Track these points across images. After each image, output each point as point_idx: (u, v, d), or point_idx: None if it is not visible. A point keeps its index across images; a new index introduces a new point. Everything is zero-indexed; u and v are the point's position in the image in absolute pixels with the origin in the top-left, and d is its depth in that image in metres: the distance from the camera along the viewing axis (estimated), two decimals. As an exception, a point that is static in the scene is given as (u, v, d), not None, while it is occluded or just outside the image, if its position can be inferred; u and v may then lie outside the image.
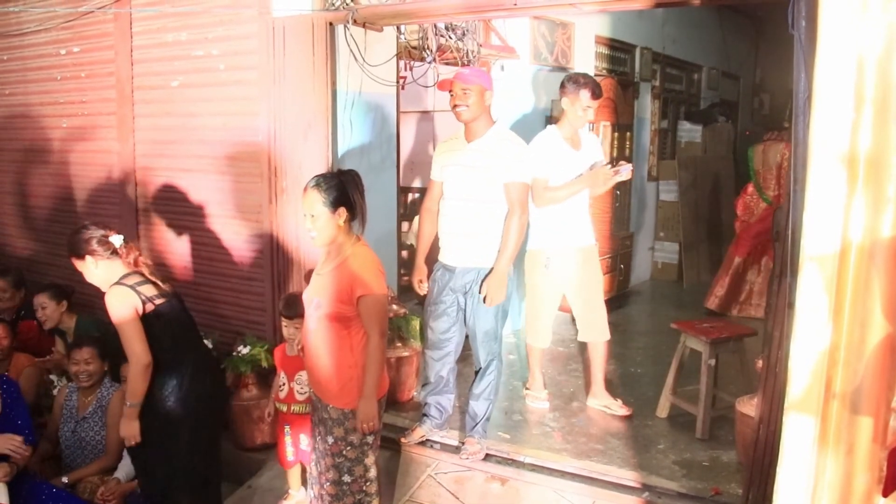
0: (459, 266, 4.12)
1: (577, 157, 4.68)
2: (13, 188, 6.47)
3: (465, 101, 4.00)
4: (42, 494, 3.67)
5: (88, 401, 4.19)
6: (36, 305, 4.84)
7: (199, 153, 4.94)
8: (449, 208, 4.16)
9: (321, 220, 3.07)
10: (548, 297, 4.81)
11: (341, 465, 3.16)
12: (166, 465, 3.41)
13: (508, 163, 4.00)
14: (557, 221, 4.65)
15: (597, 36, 7.31)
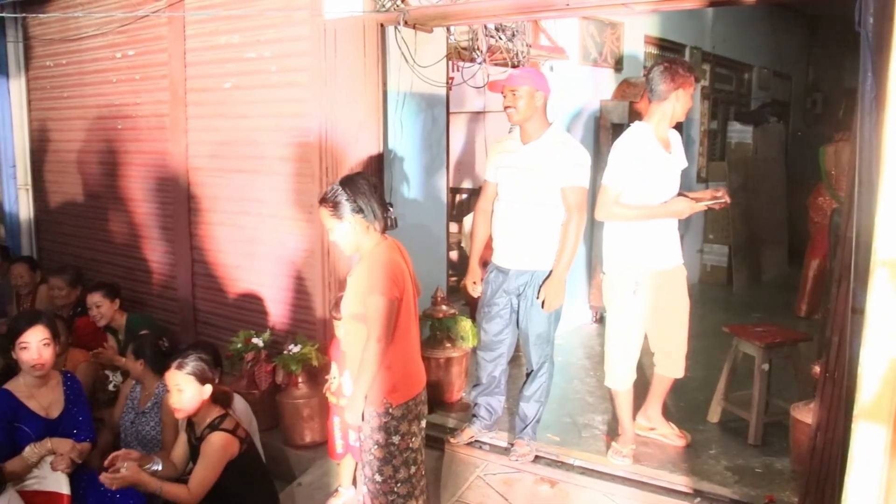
0: (513, 268, 4.10)
1: (668, 162, 4.07)
2: (70, 189, 6.62)
3: (514, 103, 3.97)
4: (101, 486, 3.73)
5: (147, 395, 4.25)
6: (90, 304, 4.95)
7: (250, 154, 4.99)
8: (503, 210, 4.13)
9: (336, 232, 3.10)
10: (635, 329, 4.15)
11: (372, 464, 3.17)
12: None
13: (565, 166, 3.95)
14: (649, 238, 4.05)
15: (646, 36, 7.24)
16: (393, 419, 3.12)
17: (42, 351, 3.59)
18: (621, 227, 4.05)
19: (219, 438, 3.44)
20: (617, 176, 3.94)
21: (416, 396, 3.24)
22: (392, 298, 3.00)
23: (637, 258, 4.04)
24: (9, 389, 3.62)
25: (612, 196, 3.97)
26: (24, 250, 6.95)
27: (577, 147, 4.05)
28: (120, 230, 6.13)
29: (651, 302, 4.09)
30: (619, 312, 4.14)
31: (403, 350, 3.18)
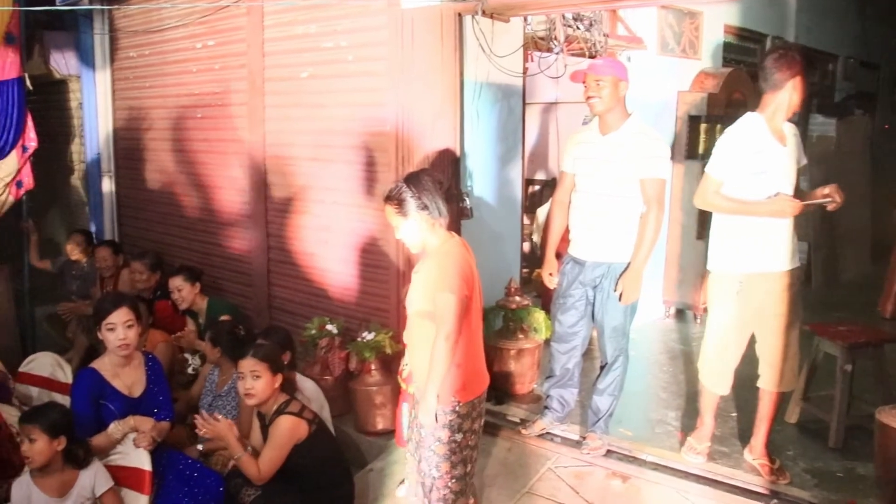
0: (590, 260, 4.06)
1: (783, 155, 3.77)
2: (150, 175, 6.80)
3: (598, 93, 3.91)
4: (179, 464, 3.84)
5: (224, 379, 4.35)
6: (172, 288, 5.08)
7: (327, 142, 5.04)
8: (581, 201, 4.09)
9: (402, 230, 3.09)
10: (736, 333, 3.91)
11: (430, 459, 3.16)
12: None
13: (644, 158, 3.89)
14: (756, 237, 3.78)
15: (726, 25, 7.07)
16: (458, 417, 3.11)
17: (127, 332, 3.69)
18: (727, 223, 3.85)
19: (285, 421, 3.53)
20: (720, 165, 3.76)
21: (482, 395, 3.24)
22: (462, 296, 2.99)
23: (740, 257, 3.81)
24: (95, 368, 3.74)
25: (712, 185, 3.79)
26: (107, 235, 7.16)
27: (656, 139, 3.97)
28: (198, 216, 6.27)
29: (755, 306, 3.83)
30: (718, 311, 3.95)
31: (472, 348, 3.17)
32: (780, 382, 3.94)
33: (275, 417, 3.56)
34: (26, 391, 4.65)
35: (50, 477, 3.31)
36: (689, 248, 6.42)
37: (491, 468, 4.18)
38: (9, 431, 4.15)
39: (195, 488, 3.73)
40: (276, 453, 3.50)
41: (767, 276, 3.79)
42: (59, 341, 6.29)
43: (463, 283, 3.00)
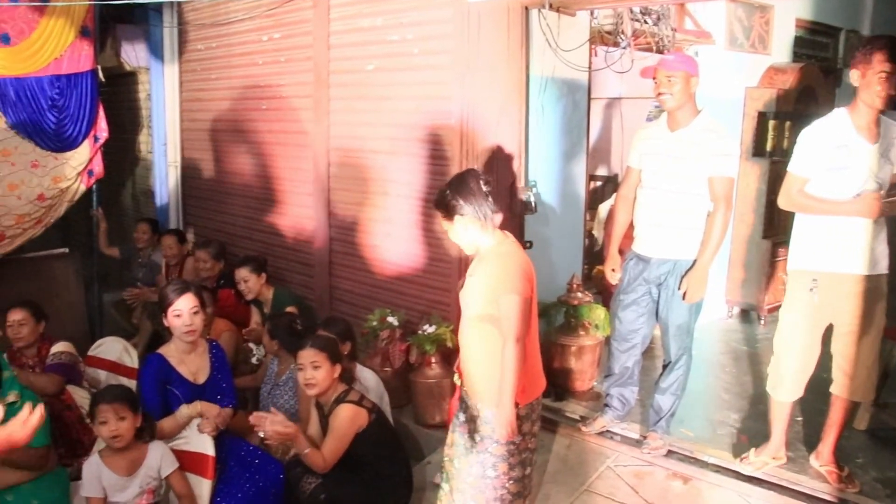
0: (655, 257, 4.01)
1: (868, 152, 3.54)
2: (215, 166, 6.91)
3: (669, 89, 3.85)
4: (241, 450, 3.91)
5: (283, 369, 4.41)
6: (238, 279, 5.15)
7: (391, 135, 5.06)
8: (647, 197, 4.04)
9: (451, 233, 3.09)
10: (803, 334, 3.74)
11: (486, 461, 3.13)
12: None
13: (714, 156, 3.83)
14: (834, 236, 3.62)
15: (797, 19, 6.89)
16: (517, 418, 3.06)
17: (193, 318, 3.76)
18: (806, 220, 3.72)
19: (346, 410, 3.57)
20: (799, 162, 3.64)
21: (539, 397, 3.21)
22: (526, 297, 2.96)
23: (814, 255, 3.67)
24: (162, 354, 3.81)
25: (795, 184, 3.66)
26: (172, 224, 7.31)
27: (726, 136, 3.90)
28: (261, 207, 6.35)
29: (829, 309, 3.67)
30: (788, 310, 3.81)
31: (531, 349, 3.13)
32: (853, 391, 3.75)
33: (334, 407, 3.59)
34: (94, 374, 4.77)
35: (119, 456, 3.40)
36: (754, 247, 6.29)
37: (550, 464, 4.16)
38: (79, 413, 4.28)
39: (256, 475, 3.78)
40: (338, 442, 3.54)
41: (842, 277, 3.63)
42: (126, 327, 6.44)
43: (526, 284, 2.98)
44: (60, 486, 3.77)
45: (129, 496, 3.41)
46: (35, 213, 6.05)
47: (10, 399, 3.58)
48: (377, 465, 3.62)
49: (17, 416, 2.36)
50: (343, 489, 3.55)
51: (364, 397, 3.69)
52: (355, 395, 3.66)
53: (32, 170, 5.99)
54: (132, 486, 3.41)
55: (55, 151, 6.07)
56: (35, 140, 5.96)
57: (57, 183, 6.12)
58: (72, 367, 4.38)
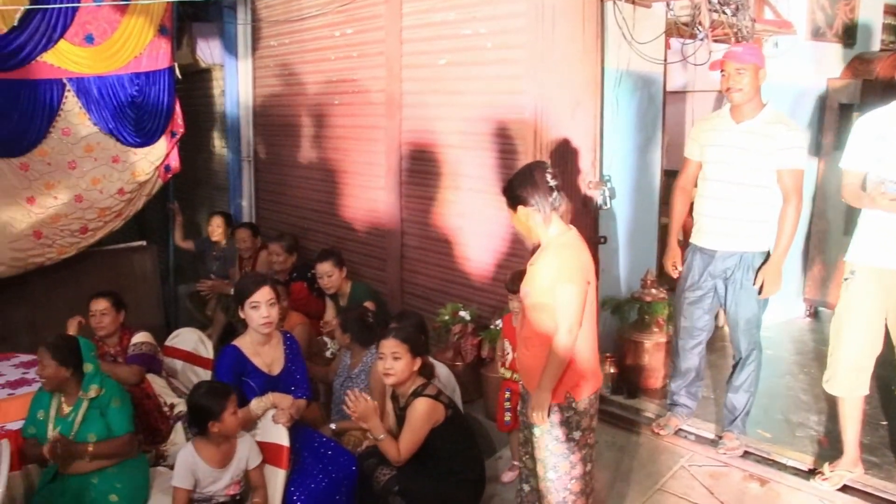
0: (721, 250, 3.94)
1: None
2: (287, 161, 7.01)
3: (739, 83, 3.78)
4: (314, 442, 3.94)
5: (356, 362, 4.44)
6: (321, 273, 5.20)
7: (463, 129, 5.05)
8: (711, 190, 3.97)
9: (515, 222, 3.12)
10: (857, 327, 3.65)
11: (546, 460, 3.11)
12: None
13: (783, 149, 3.75)
14: (875, 228, 3.57)
15: (886, 5, 6.61)
16: (576, 414, 3.06)
17: (270, 310, 3.80)
18: (863, 214, 3.64)
19: (423, 404, 3.57)
20: (848, 155, 3.62)
21: (597, 391, 3.18)
22: (582, 288, 2.95)
23: (864, 249, 3.61)
24: (237, 345, 3.87)
25: (847, 178, 3.63)
26: (245, 218, 7.45)
27: (794, 128, 3.84)
28: (333, 201, 6.42)
29: (883, 303, 3.59)
30: (841, 302, 3.74)
31: (589, 343, 3.12)
32: None
33: (411, 400, 3.61)
34: (171, 364, 4.89)
35: (214, 448, 3.45)
36: (834, 243, 6.09)
37: (622, 463, 4.11)
38: (158, 402, 4.39)
39: (329, 466, 3.81)
40: (414, 436, 3.55)
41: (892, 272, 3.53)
42: (200, 318, 6.59)
43: (583, 275, 2.97)
44: (142, 471, 3.89)
45: (220, 487, 3.48)
46: (116, 206, 6.23)
47: (91, 394, 3.71)
48: (452, 460, 3.62)
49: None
50: (416, 482, 3.56)
51: (441, 392, 3.70)
52: (433, 389, 3.66)
53: (113, 164, 6.17)
54: (224, 478, 3.48)
55: (134, 147, 6.25)
56: (116, 136, 6.14)
57: (136, 177, 6.30)
58: (152, 358, 4.49)
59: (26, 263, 5.93)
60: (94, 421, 3.72)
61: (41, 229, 5.91)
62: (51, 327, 5.10)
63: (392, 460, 3.56)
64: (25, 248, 5.87)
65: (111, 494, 3.65)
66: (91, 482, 3.68)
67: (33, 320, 6.20)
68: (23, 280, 6.03)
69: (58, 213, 5.97)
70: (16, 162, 5.80)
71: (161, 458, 4.29)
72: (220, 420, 3.38)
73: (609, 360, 4.64)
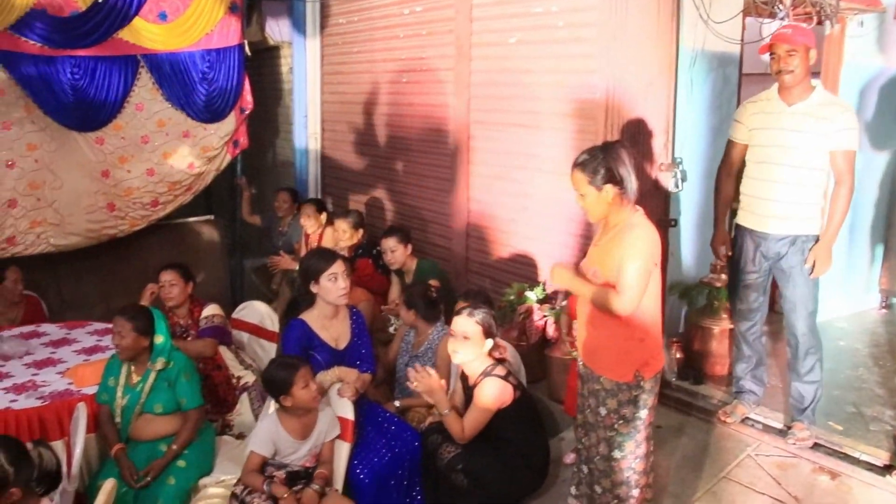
0: (772, 233, 3.90)
1: None
2: (353, 138, 7.04)
3: (790, 65, 3.72)
4: (378, 416, 3.97)
5: (420, 340, 4.46)
6: (385, 248, 5.23)
7: (532, 109, 5.01)
8: (761, 172, 3.92)
9: (589, 199, 3.00)
10: None
11: (612, 440, 3.08)
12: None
13: (836, 131, 3.71)
14: None
15: None
16: (644, 392, 3.05)
17: (346, 282, 3.84)
18: None
19: (492, 385, 3.56)
20: None
21: (661, 371, 3.16)
22: (649, 268, 2.92)
23: None
24: (304, 319, 3.91)
25: None
26: (311, 194, 7.52)
27: (848, 108, 3.81)
28: (398, 179, 6.43)
29: None
30: None
31: (654, 322, 3.09)
32: None
33: (480, 380, 3.60)
34: (238, 336, 4.96)
35: (296, 420, 3.50)
36: (913, 233, 5.91)
37: (686, 449, 4.06)
38: (227, 374, 4.47)
39: (392, 441, 3.84)
40: (480, 415, 3.55)
41: None
42: (265, 292, 6.67)
43: (651, 255, 2.94)
44: (208, 440, 3.97)
45: (298, 458, 3.53)
46: (185, 180, 6.34)
47: (158, 366, 3.80)
48: (517, 442, 3.61)
49: None
50: (481, 462, 3.56)
51: (511, 373, 3.68)
52: (502, 370, 3.63)
53: (184, 139, 6.27)
54: (302, 449, 3.53)
55: (204, 122, 6.34)
56: (186, 111, 6.24)
57: (205, 152, 6.39)
58: (223, 330, 4.57)
59: (100, 235, 6.07)
60: (162, 392, 3.80)
61: (114, 202, 6.04)
62: (121, 297, 5.24)
63: (456, 438, 3.57)
64: (100, 219, 6.02)
65: (179, 461, 3.74)
66: (159, 449, 3.77)
67: (105, 290, 6.36)
68: (96, 251, 6.17)
69: (130, 186, 6.10)
70: (92, 136, 5.93)
71: (227, 428, 4.37)
72: (289, 394, 3.42)
73: (675, 345, 4.58)
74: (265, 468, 3.49)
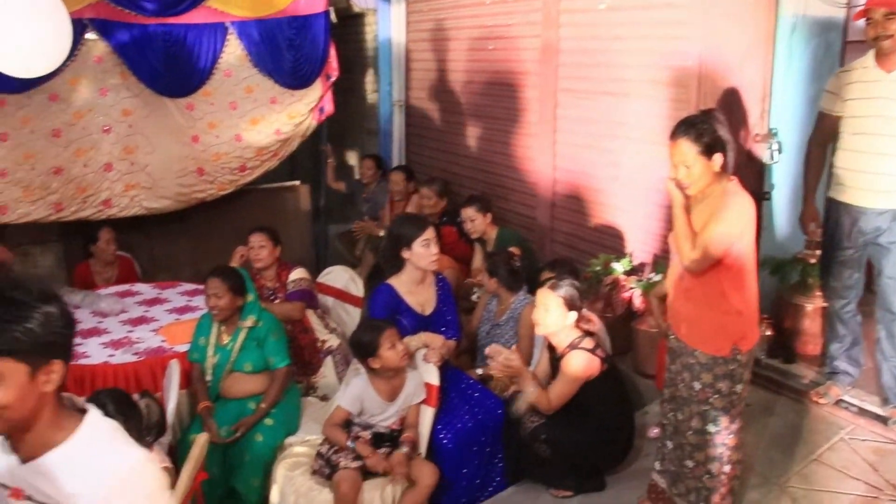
0: (872, 207, 3.73)
1: None
2: (438, 106, 7.02)
3: (888, 30, 3.51)
4: (462, 383, 4.00)
5: (502, 309, 4.45)
6: (465, 217, 5.23)
7: (622, 76, 4.89)
8: (859, 144, 3.72)
9: (696, 170, 2.85)
10: None
11: (707, 414, 3.01)
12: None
13: None
14: None
15: None
16: (740, 366, 2.98)
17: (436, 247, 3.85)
18: None
19: (579, 357, 3.52)
20: None
21: (756, 345, 3.08)
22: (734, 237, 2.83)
23: None
24: (391, 284, 3.95)
25: None
26: (394, 161, 7.54)
27: None
28: (483, 147, 6.39)
29: None
30: None
31: (752, 295, 3.00)
32: None
33: (567, 352, 3.57)
34: (323, 300, 5.05)
35: (385, 381, 3.57)
36: None
37: (776, 429, 3.95)
38: (313, 336, 4.55)
39: (476, 408, 3.86)
40: (567, 387, 3.52)
41: None
42: (348, 258, 6.76)
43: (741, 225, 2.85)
44: (295, 400, 4.08)
45: (384, 419, 3.60)
46: (272, 146, 6.43)
47: (248, 324, 3.89)
48: (602, 415, 3.58)
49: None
50: (565, 433, 3.54)
51: (599, 346, 3.64)
52: (590, 342, 3.60)
53: (271, 105, 6.35)
54: (389, 410, 3.60)
55: (291, 89, 6.39)
56: (274, 78, 6.30)
57: (292, 119, 6.46)
58: (310, 293, 4.65)
59: (189, 199, 6.23)
60: (251, 351, 3.91)
61: (203, 166, 6.18)
62: (208, 260, 5.38)
63: (541, 409, 3.55)
64: (189, 184, 6.17)
65: (267, 419, 3.86)
66: (248, 407, 3.88)
67: (193, 253, 6.54)
68: (184, 215, 6.34)
69: (219, 151, 6.21)
70: (182, 102, 6.06)
71: (311, 390, 4.47)
72: (377, 356, 3.47)
73: (766, 322, 4.45)
74: (351, 428, 3.56)
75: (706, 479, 3.11)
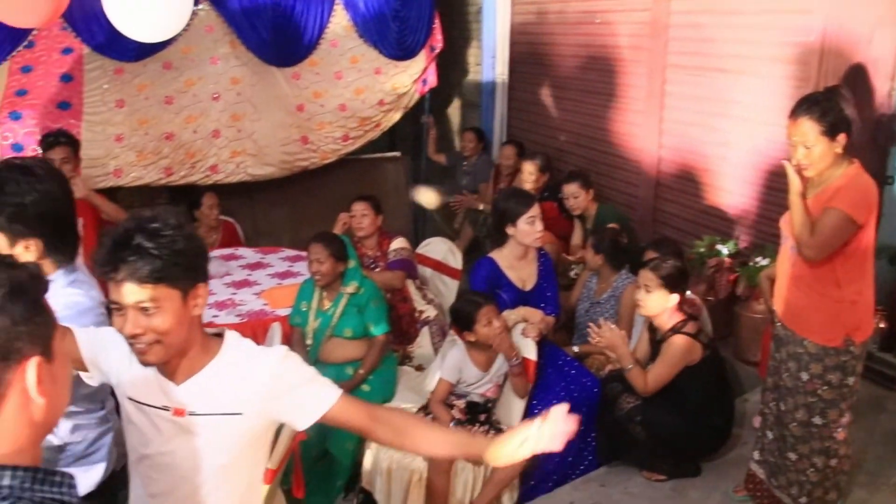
0: None
1: None
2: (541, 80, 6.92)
3: None
4: (559, 360, 3.97)
5: (603, 287, 4.39)
6: (567, 194, 5.18)
7: (736, 52, 4.71)
8: None
9: (818, 150, 2.70)
10: None
11: (814, 406, 2.90)
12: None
13: None
14: None
15: None
16: (853, 358, 2.86)
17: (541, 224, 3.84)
18: None
19: (680, 341, 3.45)
20: None
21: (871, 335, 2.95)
22: (853, 220, 2.68)
23: None
24: (493, 258, 3.94)
25: None
26: (496, 135, 7.49)
27: None
28: (586, 123, 6.27)
29: None
30: None
31: (868, 284, 2.87)
32: None
33: (669, 335, 3.50)
34: (422, 271, 5.07)
35: (481, 351, 3.60)
36: None
37: (887, 426, 3.82)
38: (412, 306, 4.59)
39: (571, 385, 3.84)
40: (665, 370, 3.46)
41: None
42: (446, 231, 6.77)
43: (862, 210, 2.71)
44: (391, 368, 4.14)
45: (478, 386, 3.65)
46: (375, 116, 6.48)
47: (350, 290, 3.94)
48: (701, 400, 3.50)
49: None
50: (661, 416, 3.48)
51: (701, 331, 3.56)
52: (692, 327, 3.51)
53: (375, 76, 6.40)
54: (484, 379, 3.65)
55: (396, 59, 6.43)
56: (379, 48, 6.34)
57: (395, 90, 6.50)
58: (410, 263, 4.69)
59: (292, 166, 6.35)
60: (352, 317, 3.96)
61: (308, 135, 6.28)
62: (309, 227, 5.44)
63: (638, 390, 3.50)
64: (293, 151, 6.28)
65: (364, 385, 3.92)
66: (346, 372, 3.94)
67: (294, 220, 6.66)
68: (286, 182, 6.46)
69: (323, 120, 6.30)
70: (289, 71, 6.16)
71: (407, 359, 4.51)
72: (473, 331, 3.48)
73: (880, 314, 4.24)
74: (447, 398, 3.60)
75: (811, 472, 3.01)
